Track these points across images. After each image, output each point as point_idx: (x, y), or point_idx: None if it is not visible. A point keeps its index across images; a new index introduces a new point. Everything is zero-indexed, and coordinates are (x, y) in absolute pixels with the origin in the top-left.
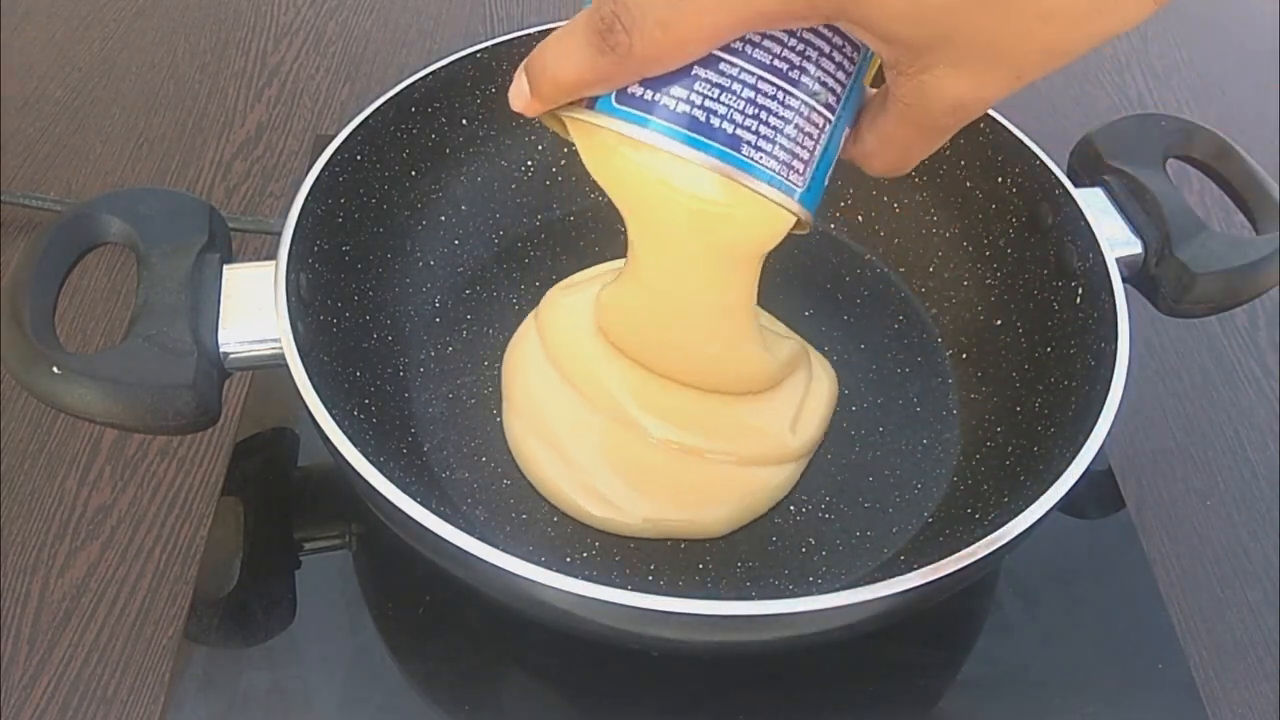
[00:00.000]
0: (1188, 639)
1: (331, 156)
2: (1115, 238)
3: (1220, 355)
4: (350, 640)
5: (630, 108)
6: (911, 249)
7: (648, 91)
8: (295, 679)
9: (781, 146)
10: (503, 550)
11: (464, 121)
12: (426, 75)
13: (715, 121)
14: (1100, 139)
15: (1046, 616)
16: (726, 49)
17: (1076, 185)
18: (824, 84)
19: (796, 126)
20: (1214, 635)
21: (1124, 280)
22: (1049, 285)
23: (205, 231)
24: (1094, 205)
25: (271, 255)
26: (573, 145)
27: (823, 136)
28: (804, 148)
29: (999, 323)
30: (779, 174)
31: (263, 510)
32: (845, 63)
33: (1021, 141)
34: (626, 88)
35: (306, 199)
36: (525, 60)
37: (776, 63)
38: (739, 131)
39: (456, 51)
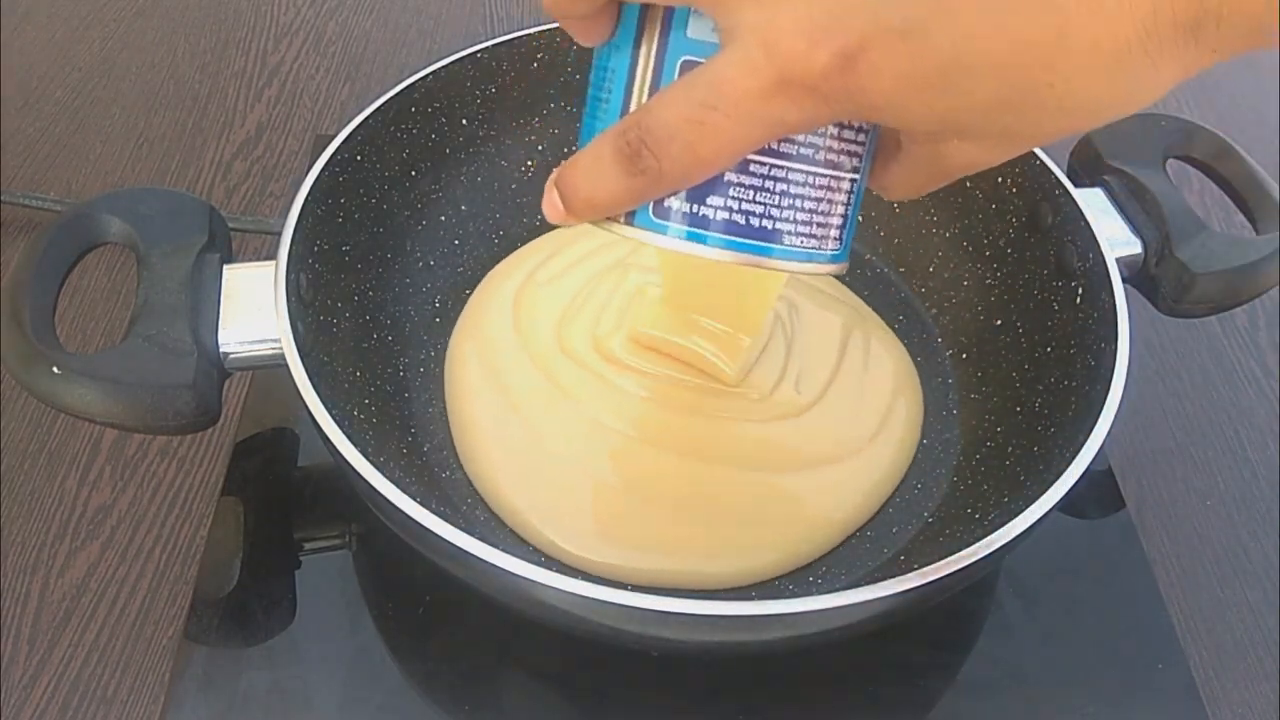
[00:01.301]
0: (1188, 639)
1: (331, 156)
2: (1115, 238)
3: (1220, 355)
4: (350, 640)
5: (667, 220)
6: (911, 249)
7: (684, 203)
8: (295, 679)
9: (818, 224)
10: (503, 550)
11: (464, 121)
12: (426, 75)
13: (755, 222)
14: (1100, 139)
15: (1046, 616)
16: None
17: (1076, 185)
18: (848, 153)
19: (829, 201)
20: (1214, 635)
21: (1124, 280)
22: (1049, 285)
23: (205, 231)
24: (1094, 205)
25: (271, 255)
26: (574, 146)
27: (853, 198)
28: (835, 215)
29: (999, 323)
30: (816, 248)
31: (263, 510)
32: (865, 125)
33: None
34: (662, 200)
35: (306, 199)
36: (553, 176)
37: (803, 150)
38: (779, 226)
39: (456, 51)
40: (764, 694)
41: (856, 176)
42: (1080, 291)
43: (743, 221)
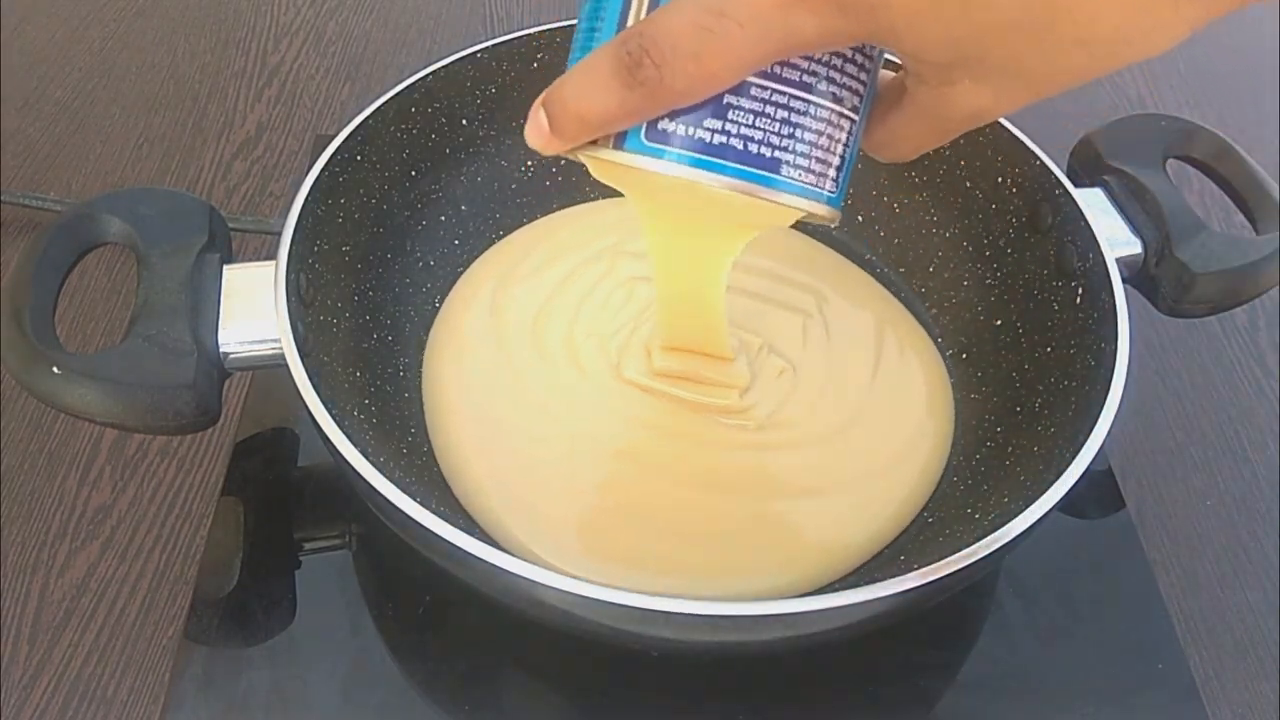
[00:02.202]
0: (1188, 639)
1: (331, 156)
2: (1115, 238)
3: (1220, 355)
4: (350, 640)
5: (663, 144)
6: (911, 249)
7: (679, 125)
8: (295, 679)
9: (816, 159)
10: (503, 550)
11: (464, 121)
12: (426, 75)
13: (754, 148)
14: (1100, 139)
15: (1046, 616)
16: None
17: (1076, 185)
18: (849, 89)
19: (829, 137)
20: (1214, 635)
21: (1124, 280)
22: (1049, 285)
23: (205, 231)
24: (1094, 205)
25: (271, 255)
26: None
27: (851, 140)
28: (835, 154)
29: (999, 323)
30: (814, 185)
31: (263, 510)
32: (866, 63)
33: (1021, 141)
34: (656, 122)
35: (306, 199)
36: (541, 96)
37: (806, 78)
38: (777, 154)
39: (456, 51)
40: (764, 694)
41: (855, 117)
42: (1080, 291)
43: (740, 147)
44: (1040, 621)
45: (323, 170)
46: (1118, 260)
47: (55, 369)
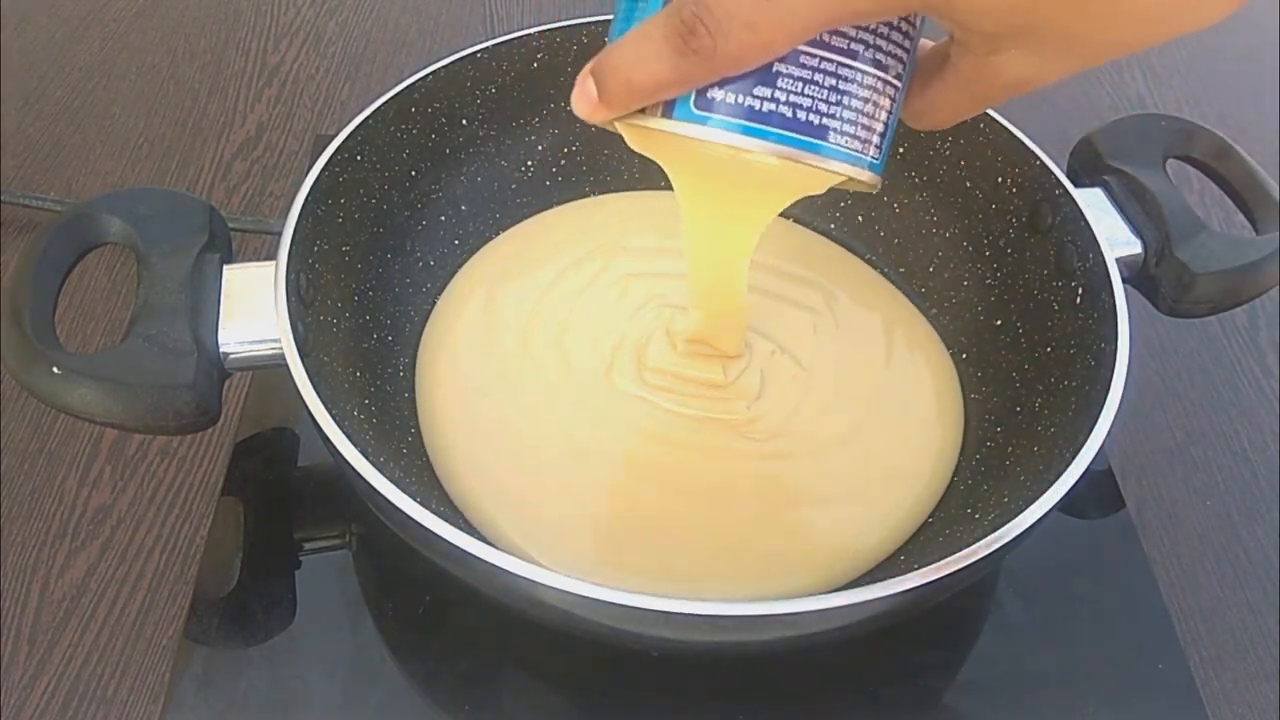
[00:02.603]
0: (1188, 639)
1: (331, 156)
2: (1115, 238)
3: (1220, 355)
4: (350, 640)
5: (713, 113)
6: (911, 249)
7: (729, 93)
8: (295, 679)
9: (862, 126)
10: (503, 550)
11: (464, 121)
12: (426, 75)
13: (803, 115)
14: (1100, 139)
15: (1046, 616)
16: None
17: (1076, 185)
18: (895, 56)
19: (874, 104)
20: (1214, 635)
21: (1124, 280)
22: (1049, 285)
23: (205, 231)
24: (1094, 205)
25: (271, 255)
26: (573, 146)
27: (894, 106)
28: (879, 121)
29: (999, 323)
30: (859, 151)
31: (263, 510)
32: (910, 31)
33: (1021, 141)
34: (705, 90)
35: (306, 199)
36: (589, 64)
37: (853, 46)
38: (825, 121)
39: (456, 51)
40: (764, 694)
41: (899, 85)
42: (1080, 291)
43: (790, 114)
44: (1040, 621)
45: (323, 170)
46: (1118, 260)
47: (55, 369)
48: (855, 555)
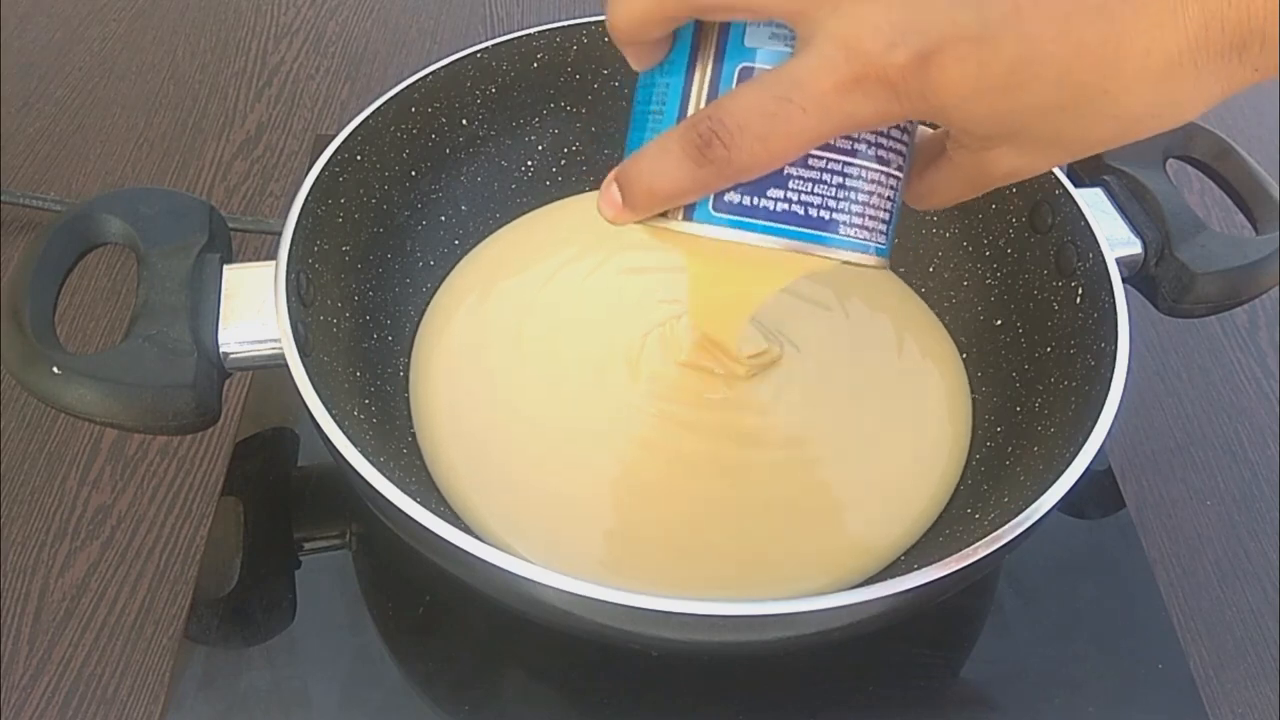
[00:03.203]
0: (1188, 639)
1: (331, 156)
2: (1115, 238)
3: (1220, 355)
4: (350, 640)
5: (730, 214)
6: (911, 249)
7: (745, 196)
8: (295, 679)
9: (869, 217)
10: (503, 550)
11: (464, 121)
12: (426, 75)
13: (814, 212)
14: None
15: (1046, 616)
16: None
17: (1076, 185)
18: (895, 151)
19: (879, 195)
20: (1214, 635)
21: (1124, 280)
22: (1049, 285)
23: (205, 231)
24: (1094, 205)
25: (271, 255)
26: (573, 146)
27: (897, 195)
28: (884, 210)
29: (999, 323)
30: (868, 240)
31: (263, 510)
32: (909, 126)
33: None
34: (722, 194)
35: (306, 199)
36: (613, 172)
37: (856, 146)
38: (835, 216)
39: (456, 51)
40: (764, 694)
41: (900, 176)
42: (1080, 291)
43: (801, 212)
44: (1040, 621)
45: (323, 170)
46: (1118, 260)
47: (55, 369)
48: (870, 554)
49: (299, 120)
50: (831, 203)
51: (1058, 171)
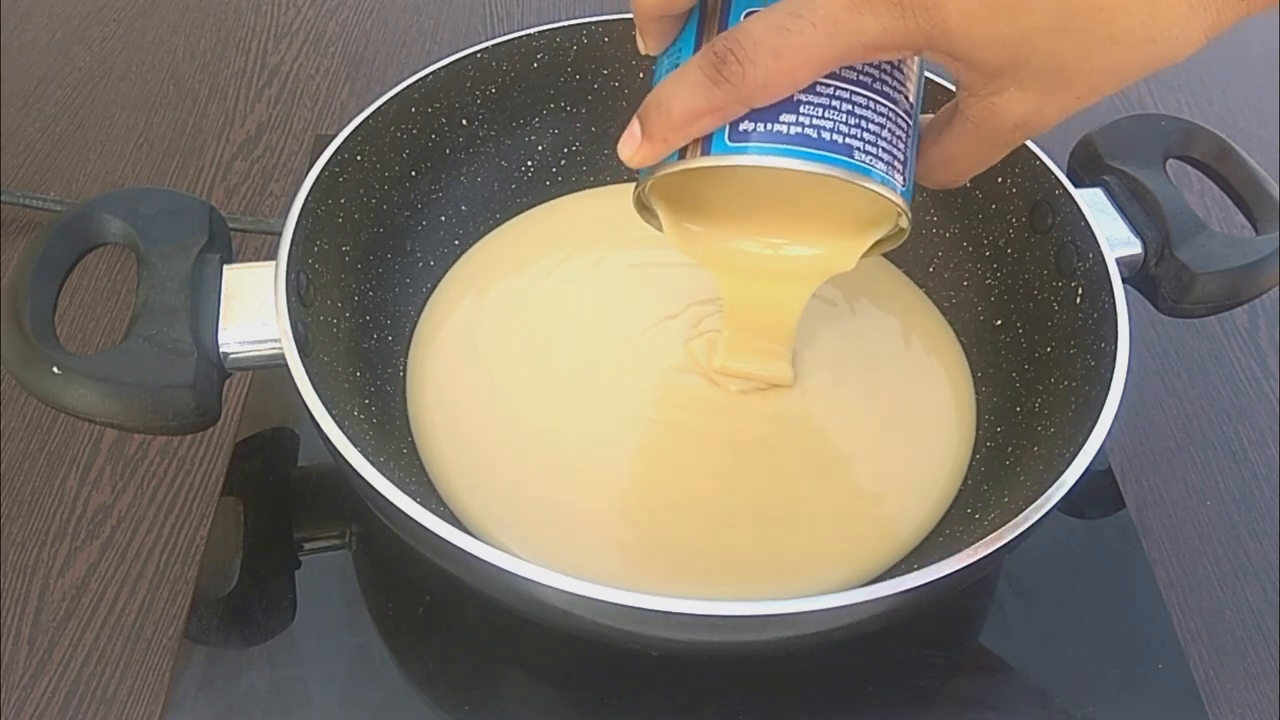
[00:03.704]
0: (1188, 639)
1: (331, 156)
2: (1115, 238)
3: (1220, 355)
4: (350, 640)
5: (747, 141)
6: (911, 249)
7: (759, 124)
8: (295, 679)
9: (883, 149)
10: (503, 550)
11: (464, 121)
12: (426, 75)
13: (827, 135)
14: (1100, 139)
15: (1046, 616)
16: None
17: (1076, 185)
18: (901, 93)
19: (890, 131)
20: (1214, 635)
21: (1124, 280)
22: (1049, 285)
23: (205, 231)
24: (1094, 205)
25: (271, 255)
26: (573, 146)
27: (910, 140)
28: (899, 149)
29: (999, 323)
30: (889, 174)
31: (263, 510)
32: (912, 74)
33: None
34: (738, 125)
35: (306, 199)
36: (638, 112)
37: (863, 78)
38: (849, 140)
39: (456, 51)
40: (764, 694)
41: (909, 121)
42: (1080, 291)
43: (815, 135)
44: (1040, 621)
45: (323, 170)
46: (1118, 260)
47: (55, 369)
48: (894, 540)
49: (299, 120)
50: (844, 128)
51: (1058, 171)
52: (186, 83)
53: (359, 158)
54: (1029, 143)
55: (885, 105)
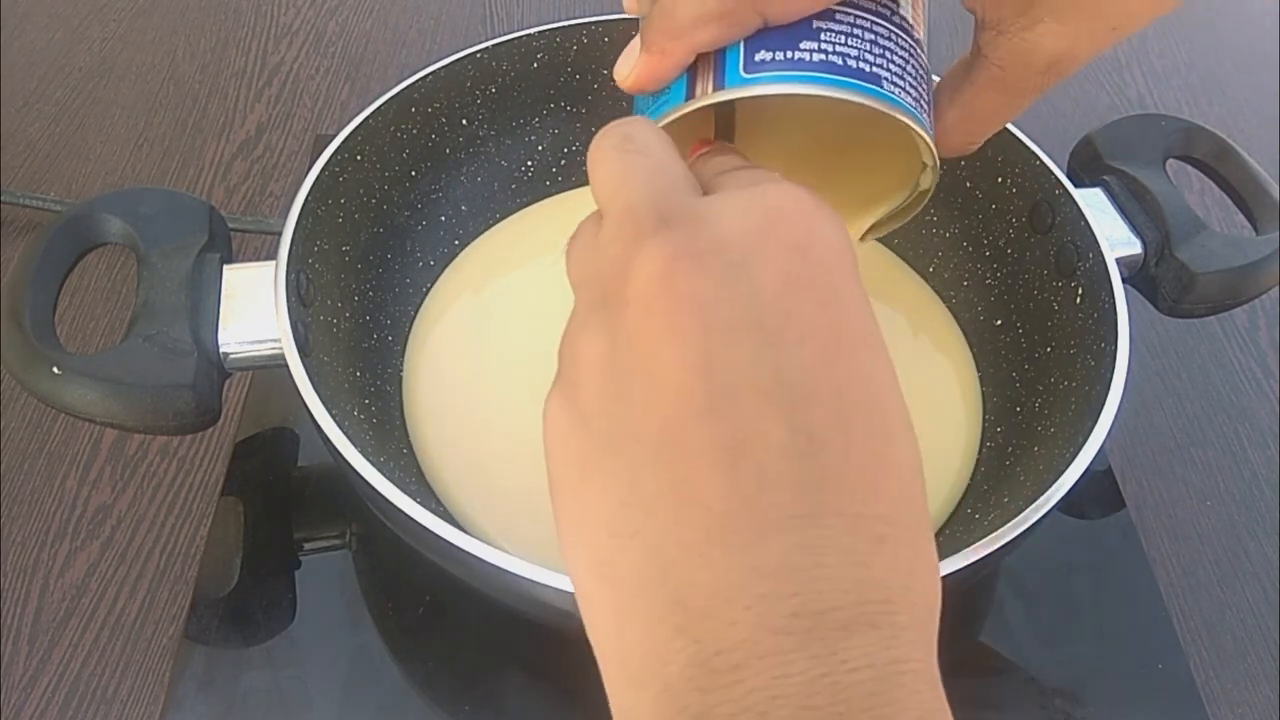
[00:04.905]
0: (1188, 639)
1: (331, 156)
2: (1115, 238)
3: (1220, 355)
4: (350, 640)
5: (763, 70)
6: (911, 249)
7: (778, 53)
8: (295, 679)
9: (909, 83)
10: (503, 550)
11: (464, 121)
12: (426, 75)
13: (853, 63)
14: (1100, 139)
15: (1046, 616)
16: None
17: (1076, 185)
18: (917, 33)
19: (914, 66)
20: (1214, 635)
21: (1124, 280)
22: (1049, 285)
23: (205, 231)
24: (1094, 205)
25: (271, 255)
26: (573, 146)
27: (928, 80)
28: (923, 89)
29: (999, 323)
30: (916, 106)
31: (263, 510)
32: (921, 16)
33: (1021, 141)
34: (754, 55)
35: (306, 199)
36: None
37: (881, 9)
38: (876, 69)
39: (456, 51)
40: None
41: (925, 64)
42: (1080, 291)
43: (841, 62)
44: (1040, 621)
45: (323, 170)
46: (1118, 260)
47: (55, 369)
48: None
49: (299, 120)
50: (870, 56)
51: (1058, 171)
52: (186, 83)
53: (359, 158)
54: (1029, 143)
55: (906, 40)
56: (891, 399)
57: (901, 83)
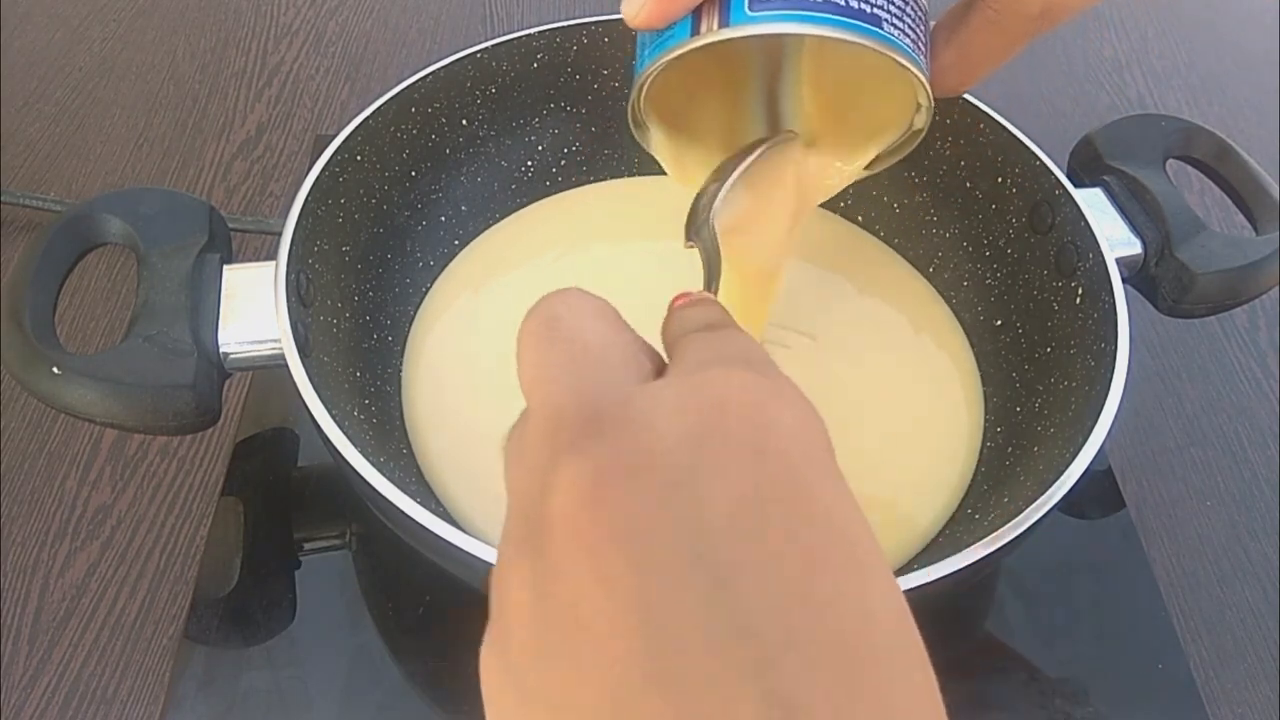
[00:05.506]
0: (1188, 639)
1: (331, 156)
2: (1115, 238)
3: (1220, 355)
4: (350, 640)
5: (770, 9)
6: (911, 249)
7: None
8: (295, 679)
9: (908, 26)
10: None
11: (464, 121)
12: (426, 75)
13: (854, 3)
14: (1100, 139)
15: (1046, 616)
16: None
17: (1076, 185)
18: None
19: (913, 9)
20: (1214, 635)
21: (1124, 280)
22: (1049, 285)
23: (205, 231)
24: (1094, 205)
25: (271, 255)
26: (573, 146)
27: (927, 29)
28: (920, 33)
29: (999, 323)
30: (915, 50)
31: (263, 510)
32: None
33: (1021, 141)
34: None
35: (306, 199)
36: None
37: None
38: (876, 10)
39: (456, 51)
40: None
41: (922, 8)
42: (1080, 292)
43: (843, 3)
44: (1040, 621)
45: (323, 170)
46: (1118, 260)
47: (55, 369)
48: (913, 531)
49: (299, 120)
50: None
51: (1058, 171)
52: (186, 83)
53: (359, 158)
54: (1029, 143)
55: None
56: (892, 624)
57: (901, 24)
